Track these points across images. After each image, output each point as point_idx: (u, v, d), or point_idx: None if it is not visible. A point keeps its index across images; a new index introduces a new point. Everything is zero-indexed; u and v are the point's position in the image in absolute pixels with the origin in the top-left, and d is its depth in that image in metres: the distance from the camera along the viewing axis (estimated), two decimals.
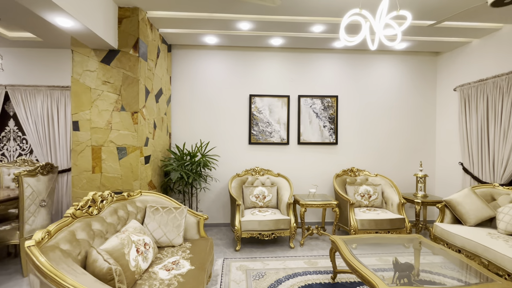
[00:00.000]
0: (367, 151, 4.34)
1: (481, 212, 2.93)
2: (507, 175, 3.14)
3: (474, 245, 2.58)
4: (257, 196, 3.69)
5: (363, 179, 4.05)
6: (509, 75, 3.13)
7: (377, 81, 4.34)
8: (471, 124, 3.63)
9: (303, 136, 4.22)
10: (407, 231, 3.34)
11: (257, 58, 4.19)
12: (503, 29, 3.33)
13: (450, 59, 4.13)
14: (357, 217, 3.36)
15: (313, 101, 4.24)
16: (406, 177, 4.39)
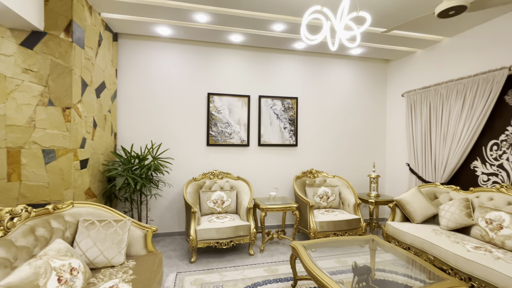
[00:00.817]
0: (326, 153, 4.42)
1: (426, 210, 3.13)
2: (446, 174, 3.43)
3: (422, 242, 2.73)
4: (215, 201, 3.45)
5: (321, 180, 4.10)
6: (448, 84, 3.43)
7: (335, 84, 4.45)
8: (416, 127, 3.91)
9: (264, 137, 4.11)
10: (362, 230, 3.44)
11: (216, 55, 3.96)
12: (443, 41, 3.65)
13: (398, 67, 4.43)
14: (316, 219, 3.35)
15: (274, 102, 4.16)
16: (361, 178, 4.58)
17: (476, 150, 3.19)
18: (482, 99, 2.99)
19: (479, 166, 3.15)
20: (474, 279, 2.20)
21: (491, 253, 2.27)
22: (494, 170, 3.00)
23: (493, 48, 3.01)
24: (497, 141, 2.97)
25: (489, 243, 2.51)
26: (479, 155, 3.16)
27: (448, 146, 3.39)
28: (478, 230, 2.63)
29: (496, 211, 2.55)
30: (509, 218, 2.43)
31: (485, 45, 3.10)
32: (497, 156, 2.96)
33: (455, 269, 2.35)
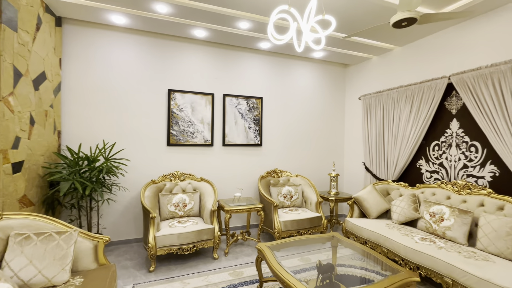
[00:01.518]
0: (290, 152, 4.50)
1: (380, 206, 3.37)
2: (397, 172, 3.74)
3: (377, 236, 2.92)
4: (176, 204, 3.26)
5: (285, 180, 4.16)
6: (398, 89, 3.74)
7: (299, 86, 4.56)
8: (371, 129, 4.20)
9: (228, 137, 4.02)
10: (324, 227, 3.58)
11: (178, 49, 3.74)
12: (395, 50, 3.96)
13: (356, 71, 4.71)
14: (281, 218, 3.38)
15: (239, 101, 4.09)
16: (322, 176, 4.76)
17: (421, 150, 3.53)
18: (427, 104, 3.32)
19: (424, 165, 3.50)
20: (422, 268, 2.42)
21: (435, 243, 2.52)
22: (435, 168, 3.35)
23: (435, 59, 3.36)
24: (438, 142, 3.32)
25: (432, 234, 2.79)
26: (423, 154, 3.50)
27: (398, 146, 3.70)
28: (424, 222, 2.91)
29: (438, 205, 2.85)
30: (448, 211, 2.73)
31: (429, 55, 3.45)
32: (438, 155, 3.32)
33: (406, 259, 2.56)
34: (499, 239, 2.26)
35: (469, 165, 2.98)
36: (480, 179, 2.88)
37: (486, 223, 2.40)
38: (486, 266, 2.06)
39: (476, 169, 2.92)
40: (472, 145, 2.96)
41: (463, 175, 3.04)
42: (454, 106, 3.15)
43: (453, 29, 3.17)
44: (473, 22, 2.97)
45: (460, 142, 3.08)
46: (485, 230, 2.38)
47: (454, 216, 2.65)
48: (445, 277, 2.21)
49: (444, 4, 2.82)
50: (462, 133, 3.07)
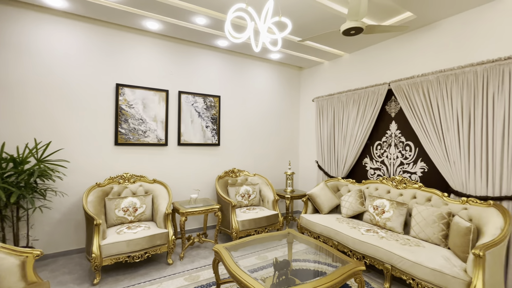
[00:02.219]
0: (247, 152, 4.52)
1: (331, 202, 3.60)
2: (346, 170, 4.04)
3: (328, 230, 3.11)
4: (125, 209, 3.00)
5: (243, 179, 4.16)
6: (347, 93, 4.04)
7: (257, 86, 4.60)
8: (323, 129, 4.46)
9: (184, 136, 3.86)
10: (280, 225, 3.67)
11: (129, 41, 3.45)
12: (344, 56, 4.27)
13: (310, 74, 4.95)
14: (239, 218, 3.37)
15: (195, 99, 3.95)
16: (278, 175, 4.90)
17: (366, 149, 3.87)
18: (371, 108, 3.65)
19: (368, 162, 3.84)
20: (367, 257, 2.64)
21: (377, 233, 2.78)
22: (378, 165, 3.71)
23: (379, 67, 3.72)
24: (380, 142, 3.68)
25: (376, 225, 3.08)
26: (368, 153, 3.84)
27: (347, 145, 4.00)
28: (368, 215, 3.19)
29: (380, 199, 3.16)
30: (388, 203, 3.04)
31: (373, 63, 3.79)
32: (380, 154, 3.68)
33: (353, 250, 2.77)
34: (428, 227, 2.60)
35: (405, 162, 3.37)
36: (413, 174, 3.28)
37: (417, 213, 2.73)
38: (418, 251, 2.35)
39: (410, 166, 3.31)
40: (407, 145, 3.35)
41: (400, 171, 3.42)
42: (393, 109, 3.52)
43: (393, 41, 3.54)
44: (409, 36, 3.35)
45: (398, 142, 3.46)
46: (417, 219, 2.71)
47: (393, 208, 2.96)
48: (385, 264, 2.46)
49: (386, 18, 3.13)
50: (399, 134, 3.45)
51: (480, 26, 2.70)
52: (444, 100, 2.85)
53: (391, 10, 2.95)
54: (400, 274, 2.35)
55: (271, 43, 3.75)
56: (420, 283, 2.19)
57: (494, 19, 2.60)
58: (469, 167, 2.66)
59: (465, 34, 2.81)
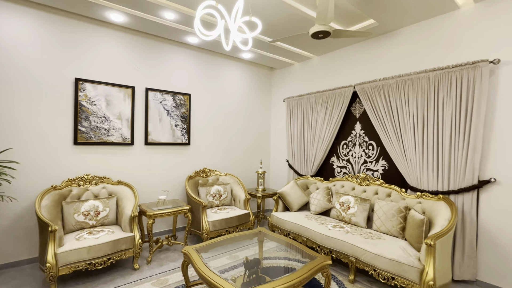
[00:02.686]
0: (219, 151, 4.47)
1: (301, 199, 3.71)
2: (314, 168, 4.18)
3: (298, 227, 3.20)
4: (86, 213, 2.80)
5: (214, 179, 4.11)
6: (316, 94, 4.18)
7: (228, 85, 4.57)
8: (293, 129, 4.57)
9: (152, 135, 3.70)
10: (251, 224, 3.70)
11: (90, 33, 3.21)
12: (313, 58, 4.41)
13: (281, 75, 5.04)
14: (209, 219, 3.32)
15: (164, 96, 3.81)
16: (250, 174, 4.92)
17: (333, 148, 4.05)
18: (338, 109, 3.82)
19: (335, 161, 4.03)
20: (334, 252, 2.77)
21: (343, 228, 2.93)
22: (344, 163, 3.90)
23: (345, 69, 3.90)
24: (346, 141, 3.87)
25: (342, 220, 3.23)
26: (335, 152, 4.02)
27: (316, 145, 4.15)
28: (335, 211, 3.34)
29: (346, 195, 3.33)
30: (353, 199, 3.21)
31: (340, 66, 3.97)
32: (346, 152, 3.87)
33: (321, 246, 2.89)
34: (388, 220, 2.80)
35: (368, 160, 3.59)
36: (375, 172, 3.50)
37: (379, 208, 2.92)
38: (379, 243, 2.52)
39: (372, 164, 3.53)
40: (370, 144, 3.57)
41: (364, 169, 3.63)
42: (358, 111, 3.73)
43: (358, 46, 3.74)
44: (372, 42, 3.57)
45: (362, 141, 3.67)
46: (378, 213, 2.90)
47: (357, 204, 3.14)
48: (350, 257, 2.59)
49: (351, 24, 3.30)
50: (363, 134, 3.66)
51: (433, 35, 2.96)
52: (402, 103, 3.09)
53: (356, 16, 3.12)
54: (363, 266, 2.50)
55: (242, 42, 3.75)
56: (380, 273, 2.35)
57: (445, 30, 2.87)
58: (423, 165, 2.91)
59: (420, 42, 3.07)
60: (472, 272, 2.59)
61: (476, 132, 2.54)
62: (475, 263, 2.60)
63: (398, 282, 2.24)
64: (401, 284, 2.22)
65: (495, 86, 2.53)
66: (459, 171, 2.64)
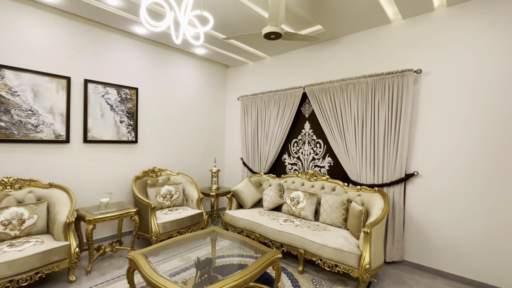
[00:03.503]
0: (170, 150, 4.27)
1: (254, 196, 3.78)
2: (268, 165, 4.30)
3: (251, 224, 3.25)
4: (6, 222, 2.40)
5: (165, 179, 3.92)
6: (269, 94, 4.29)
7: (182, 81, 4.38)
8: (248, 127, 4.62)
9: (92, 132, 3.35)
10: (205, 223, 3.63)
11: (13, 12, 2.73)
12: (266, 59, 4.52)
13: (236, 73, 5.04)
14: (159, 221, 3.16)
15: (107, 90, 3.48)
16: (204, 173, 4.82)
17: (285, 146, 4.21)
18: (289, 108, 3.99)
19: (287, 158, 4.20)
20: (285, 245, 2.89)
21: (293, 222, 3.07)
22: (294, 161, 4.09)
23: (296, 71, 4.09)
24: (297, 139, 4.07)
25: (292, 215, 3.39)
26: (287, 150, 4.20)
27: (269, 143, 4.26)
28: (286, 206, 3.49)
29: (296, 191, 3.50)
30: (302, 195, 3.39)
31: (291, 67, 4.15)
32: (296, 150, 4.07)
33: (273, 240, 2.98)
34: (332, 212, 3.03)
35: (316, 157, 3.83)
36: (322, 168, 3.76)
37: (325, 201, 3.15)
38: (325, 234, 2.71)
39: (320, 161, 3.78)
40: (318, 142, 3.82)
41: (312, 165, 3.87)
42: (307, 111, 3.94)
43: (308, 49, 3.95)
44: (321, 46, 3.80)
45: (311, 139, 3.90)
46: (325, 206, 3.12)
47: (306, 199, 3.33)
48: (299, 249, 2.74)
49: (301, 28, 3.46)
50: (312, 132, 3.89)
51: (371, 44, 3.30)
52: (345, 104, 3.37)
53: (306, 21, 3.29)
54: (311, 256, 2.66)
55: (193, 37, 3.63)
56: (326, 261, 2.54)
57: (380, 40, 3.22)
58: (362, 161, 3.23)
59: (360, 49, 3.38)
60: (400, 253, 2.97)
61: (404, 132, 2.92)
62: (403, 246, 2.99)
63: (340, 269, 2.44)
64: (343, 270, 2.43)
65: (418, 92, 2.94)
66: (391, 166, 3.00)
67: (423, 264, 2.90)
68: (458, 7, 2.70)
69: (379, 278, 2.71)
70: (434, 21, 2.84)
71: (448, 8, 2.76)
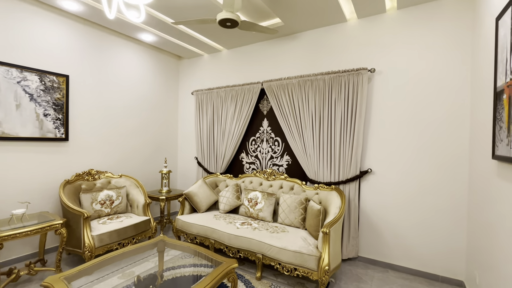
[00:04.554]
0: (112, 149, 3.71)
1: (210, 199, 3.49)
2: (224, 165, 4.05)
3: (205, 229, 2.97)
4: None
5: (104, 182, 3.38)
6: (226, 89, 4.04)
7: (125, 71, 3.84)
8: (203, 124, 4.30)
9: (3, 127, 2.69)
10: (153, 231, 3.22)
11: None
12: (223, 51, 4.25)
13: (189, 65, 4.66)
14: (95, 232, 2.67)
15: (25, 75, 2.83)
16: (153, 174, 4.34)
17: (243, 145, 4.01)
18: (247, 105, 3.80)
19: (244, 157, 4.00)
20: (242, 251, 2.68)
21: (251, 225, 2.88)
22: (252, 159, 3.92)
23: (254, 66, 3.91)
24: (255, 137, 3.90)
25: (250, 217, 3.21)
26: (244, 148, 4.00)
27: (225, 141, 4.01)
28: (244, 208, 3.29)
29: (254, 191, 3.32)
30: (261, 195, 3.23)
31: (249, 62, 3.96)
32: (254, 149, 3.90)
33: (229, 246, 2.75)
34: (291, 212, 2.93)
35: (274, 156, 3.71)
36: (280, 167, 3.65)
37: (283, 201, 3.03)
38: (283, 236, 2.58)
39: (278, 159, 3.68)
40: (276, 140, 3.70)
41: (270, 164, 3.74)
42: (265, 108, 3.80)
43: (266, 43, 3.80)
44: (279, 41, 3.68)
45: (269, 137, 3.77)
46: (283, 206, 3.01)
47: (264, 199, 3.17)
48: (257, 254, 2.56)
49: (260, 20, 3.29)
50: (270, 130, 3.76)
51: (328, 42, 3.29)
52: (303, 101, 3.30)
53: (265, 13, 3.12)
54: (269, 261, 2.50)
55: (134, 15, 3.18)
56: (285, 266, 2.40)
57: (337, 38, 3.22)
58: (319, 159, 3.20)
59: (318, 47, 3.35)
60: (356, 250, 3.01)
61: (359, 130, 2.96)
62: (358, 242, 3.04)
63: (300, 272, 2.33)
64: (302, 273, 2.32)
65: (372, 91, 3.00)
66: (346, 163, 3.02)
67: (376, 259, 2.98)
68: (407, 11, 2.81)
69: (336, 277, 2.69)
70: (386, 23, 2.93)
71: (398, 11, 2.86)
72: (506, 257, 1.56)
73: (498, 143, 1.68)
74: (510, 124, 1.50)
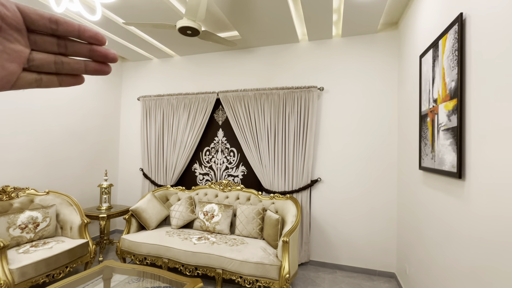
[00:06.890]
0: (35, 160, 3.11)
1: (160, 214, 3.24)
2: (175, 177, 3.82)
3: (157, 248, 2.74)
4: None
5: (25, 201, 2.80)
6: (178, 96, 3.86)
7: None
8: (150, 133, 3.99)
9: None
10: (92, 255, 2.80)
11: None
12: (175, 57, 4.07)
13: (135, 69, 4.30)
14: (14, 265, 2.17)
15: None
16: (90, 190, 3.79)
17: (196, 155, 3.87)
18: (201, 114, 3.70)
19: (198, 168, 3.87)
20: (199, 268, 2.56)
21: (208, 240, 2.78)
22: (207, 170, 3.82)
23: (210, 75, 3.86)
24: (209, 148, 3.82)
25: (206, 231, 3.09)
26: (198, 159, 3.87)
27: (177, 151, 3.81)
28: (199, 222, 3.16)
29: (209, 204, 3.23)
30: (217, 207, 3.16)
31: (205, 71, 3.89)
32: (209, 159, 3.81)
33: (186, 264, 2.60)
34: (249, 223, 2.95)
35: (229, 166, 3.69)
36: (236, 177, 3.65)
37: (241, 213, 3.03)
38: (243, 248, 2.57)
39: (233, 170, 3.67)
40: (232, 151, 3.70)
41: (225, 175, 3.70)
42: (220, 118, 3.77)
43: (224, 54, 3.80)
44: (237, 53, 3.73)
45: (224, 148, 3.74)
46: (240, 218, 3.00)
47: (221, 211, 3.11)
48: (217, 269, 2.48)
49: (219, 31, 3.29)
50: (225, 140, 3.74)
51: (282, 58, 3.49)
52: (259, 114, 3.41)
53: (223, 24, 3.14)
54: (230, 275, 2.45)
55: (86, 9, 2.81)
56: (246, 278, 2.39)
57: (291, 56, 3.46)
58: (274, 169, 3.33)
59: (274, 62, 3.53)
60: (308, 255, 3.21)
61: (310, 142, 3.20)
62: (309, 247, 3.24)
63: (261, 283, 2.35)
64: (264, 284, 2.35)
65: (320, 107, 3.31)
66: (299, 173, 3.22)
67: (325, 261, 3.23)
68: (349, 39, 3.23)
69: (293, 283, 2.80)
70: (332, 47, 3.29)
71: (342, 38, 3.26)
72: (431, 250, 1.90)
73: (424, 157, 2.05)
74: (433, 142, 1.86)
